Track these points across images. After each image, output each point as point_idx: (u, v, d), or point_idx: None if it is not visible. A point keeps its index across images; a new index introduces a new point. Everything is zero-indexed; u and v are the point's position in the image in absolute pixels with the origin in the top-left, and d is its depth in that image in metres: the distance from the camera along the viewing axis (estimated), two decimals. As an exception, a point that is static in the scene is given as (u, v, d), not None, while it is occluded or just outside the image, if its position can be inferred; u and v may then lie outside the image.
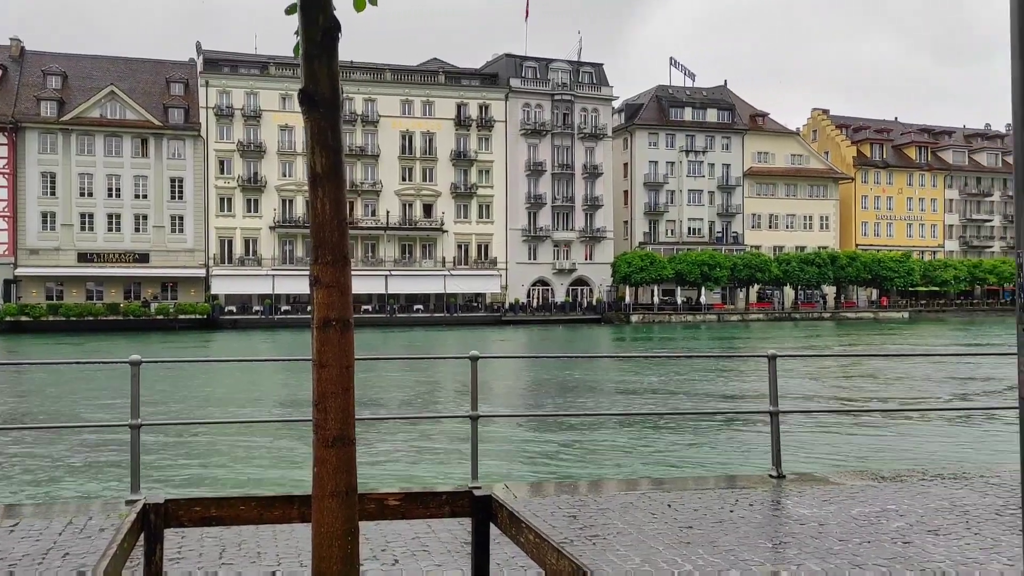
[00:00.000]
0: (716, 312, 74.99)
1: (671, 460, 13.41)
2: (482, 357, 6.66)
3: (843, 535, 5.20)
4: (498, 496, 3.79)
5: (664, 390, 24.09)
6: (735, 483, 6.81)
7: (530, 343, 48.96)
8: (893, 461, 11.57)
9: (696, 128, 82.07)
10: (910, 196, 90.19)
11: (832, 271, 77.49)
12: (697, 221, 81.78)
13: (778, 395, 7.04)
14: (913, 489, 6.46)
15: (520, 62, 77.30)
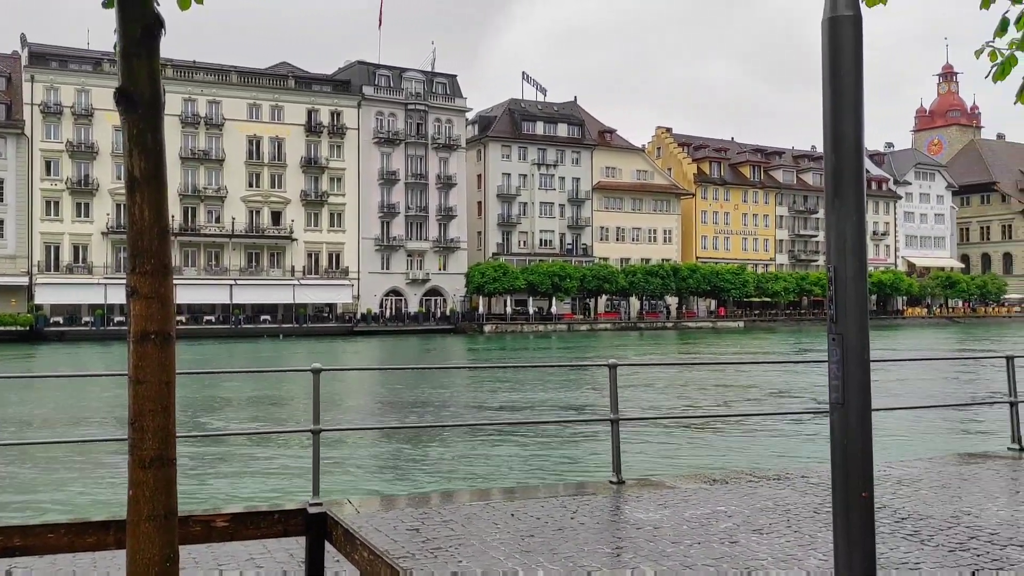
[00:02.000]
0: (566, 322, 76.75)
1: (518, 470, 13.55)
2: (325, 369, 6.49)
3: (676, 537, 5.40)
4: (333, 513, 3.68)
5: (513, 400, 24.37)
6: (577, 490, 6.95)
7: (383, 354, 48.37)
8: (726, 464, 12.17)
9: (548, 142, 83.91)
10: (745, 212, 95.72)
11: (675, 282, 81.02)
12: (549, 233, 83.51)
13: (618, 403, 7.25)
14: (742, 491, 6.81)
15: (373, 70, 76.57)
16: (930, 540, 5.35)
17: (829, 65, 3.93)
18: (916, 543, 5.29)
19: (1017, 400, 8.78)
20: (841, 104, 3.91)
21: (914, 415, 18.07)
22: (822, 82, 3.99)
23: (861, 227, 3.98)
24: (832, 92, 3.94)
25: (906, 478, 7.25)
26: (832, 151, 3.97)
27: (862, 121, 3.95)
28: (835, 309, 3.95)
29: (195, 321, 64.36)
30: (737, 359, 43.48)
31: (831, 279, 3.98)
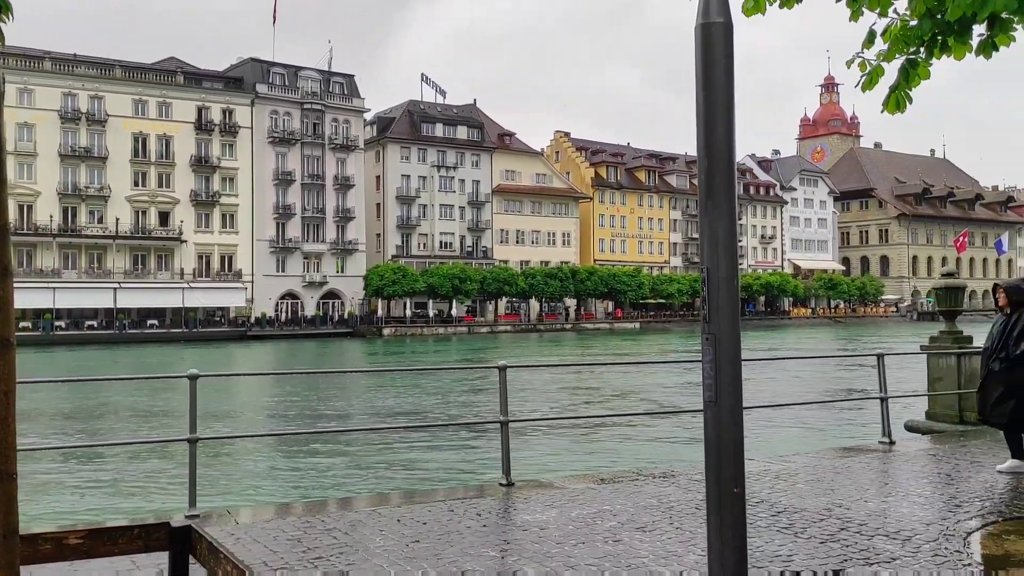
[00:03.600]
0: (467, 324, 76.75)
1: (408, 475, 13.42)
2: (202, 376, 6.24)
3: (561, 537, 5.42)
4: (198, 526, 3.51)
5: (407, 404, 24.19)
6: (466, 493, 6.91)
7: (277, 359, 47.19)
8: (615, 464, 12.38)
9: (447, 144, 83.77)
10: (641, 216, 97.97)
11: (573, 285, 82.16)
12: (449, 235, 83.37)
13: (508, 405, 7.25)
14: (628, 489, 6.90)
15: (267, 68, 74.76)
16: (803, 532, 5.54)
17: (701, 71, 4.01)
18: (790, 536, 5.47)
19: (887, 396, 9.23)
20: (713, 109, 3.99)
21: (796, 411, 18.84)
22: (695, 87, 4.06)
23: (733, 229, 4.06)
24: (704, 97, 4.01)
25: (784, 473, 7.50)
26: (705, 155, 4.05)
27: (733, 126, 4.04)
28: (708, 309, 4.03)
29: (75, 326, 61.31)
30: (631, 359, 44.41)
31: (704, 280, 4.06)
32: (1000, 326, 7.30)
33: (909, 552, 5.09)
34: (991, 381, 7.23)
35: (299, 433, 17.31)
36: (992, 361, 7.24)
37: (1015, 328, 7.16)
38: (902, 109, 6.04)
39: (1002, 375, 7.12)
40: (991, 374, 7.25)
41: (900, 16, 5.61)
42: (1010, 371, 7.09)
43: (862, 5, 5.69)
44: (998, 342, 7.23)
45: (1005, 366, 7.11)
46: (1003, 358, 7.13)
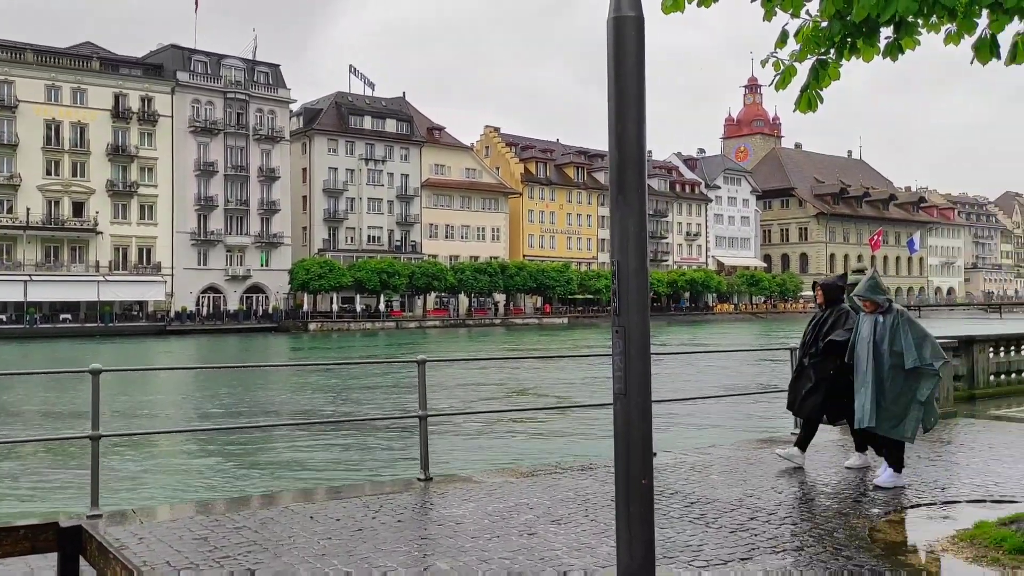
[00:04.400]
0: (395, 319, 76.15)
1: (326, 471, 13.23)
2: (105, 370, 6.00)
3: (476, 532, 5.40)
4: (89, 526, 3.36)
5: (328, 399, 23.87)
6: (383, 489, 6.82)
7: (197, 354, 46.02)
8: (536, 457, 12.44)
9: (376, 137, 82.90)
10: (570, 212, 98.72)
11: (502, 280, 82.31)
12: (377, 229, 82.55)
13: (427, 399, 7.19)
14: (545, 483, 6.92)
15: (189, 55, 72.74)
16: (715, 522, 5.64)
17: (613, 64, 4.01)
18: (702, 526, 5.56)
19: (799, 388, 9.47)
20: (624, 103, 4.00)
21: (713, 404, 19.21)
22: (607, 81, 4.06)
23: (643, 223, 4.08)
24: (616, 91, 4.02)
25: (698, 464, 7.63)
26: (616, 149, 4.06)
27: (644, 120, 4.05)
28: (618, 302, 4.05)
29: (-18, 321, 58.70)
30: (556, 353, 44.73)
31: (614, 273, 4.08)
32: (814, 322, 7.43)
33: (815, 540, 5.22)
34: (803, 375, 7.36)
35: (212, 430, 16.88)
36: (804, 356, 7.38)
37: (826, 324, 7.28)
38: (813, 108, 6.18)
39: (812, 369, 7.25)
40: (802, 368, 7.39)
41: (812, 17, 5.74)
42: (818, 365, 7.22)
43: (775, 5, 5.79)
44: (810, 337, 7.36)
45: (814, 361, 7.24)
46: (813, 353, 7.26)
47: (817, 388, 7.21)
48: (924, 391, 6.54)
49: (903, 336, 6.55)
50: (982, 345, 12.50)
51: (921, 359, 6.48)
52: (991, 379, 12.63)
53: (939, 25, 5.69)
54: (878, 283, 6.85)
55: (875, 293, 6.73)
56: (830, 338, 7.12)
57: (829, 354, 7.11)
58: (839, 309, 7.28)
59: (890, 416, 6.56)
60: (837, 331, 7.10)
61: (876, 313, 6.73)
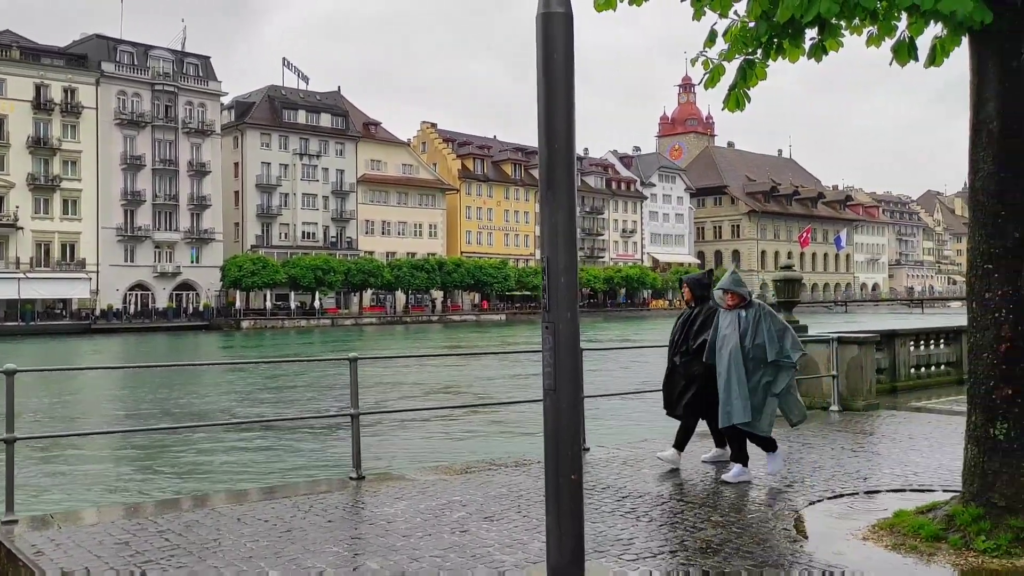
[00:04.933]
0: (330, 317, 75.24)
1: (255, 472, 13.00)
2: (20, 371, 5.77)
3: (408, 530, 5.35)
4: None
5: (258, 399, 23.47)
6: (313, 489, 6.72)
7: (123, 353, 44.73)
8: (471, 454, 12.42)
9: (310, 132, 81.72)
10: (507, 208, 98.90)
11: (440, 277, 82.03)
12: (312, 225, 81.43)
13: (359, 397, 7.10)
14: (479, 480, 6.91)
15: (114, 45, 70.58)
16: (645, 516, 5.70)
17: (542, 60, 4.01)
18: (632, 520, 5.61)
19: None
20: (554, 99, 4.00)
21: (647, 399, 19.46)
22: (536, 77, 4.06)
23: (572, 219, 4.10)
24: (546, 87, 4.01)
25: (631, 459, 7.71)
26: (545, 145, 4.06)
27: (573, 116, 4.06)
28: (548, 299, 4.06)
29: None
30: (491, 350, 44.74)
31: (544, 269, 4.09)
32: (682, 320, 7.31)
33: (742, 530, 5.32)
34: (674, 375, 7.22)
35: (140, 431, 16.43)
36: (674, 355, 7.23)
37: (695, 322, 7.14)
38: (741, 107, 6.29)
39: (683, 368, 7.12)
40: (673, 368, 7.23)
41: (740, 18, 5.83)
42: (689, 364, 7.09)
43: (704, 5, 5.87)
44: (679, 336, 7.22)
45: (685, 360, 7.11)
46: (683, 352, 7.13)
47: (690, 387, 7.10)
48: (780, 383, 6.56)
49: (764, 329, 6.53)
50: (903, 339, 12.92)
51: (782, 351, 6.49)
52: (912, 372, 13.06)
53: (861, 27, 5.84)
54: (740, 277, 6.88)
55: (738, 286, 6.73)
56: (701, 339, 6.97)
57: (700, 354, 6.97)
58: (708, 307, 7.14)
59: (750, 409, 6.57)
60: (707, 332, 6.95)
61: (739, 308, 6.70)
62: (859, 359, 10.72)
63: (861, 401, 10.65)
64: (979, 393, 5.23)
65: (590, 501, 6.08)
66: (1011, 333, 5.11)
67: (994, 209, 5.18)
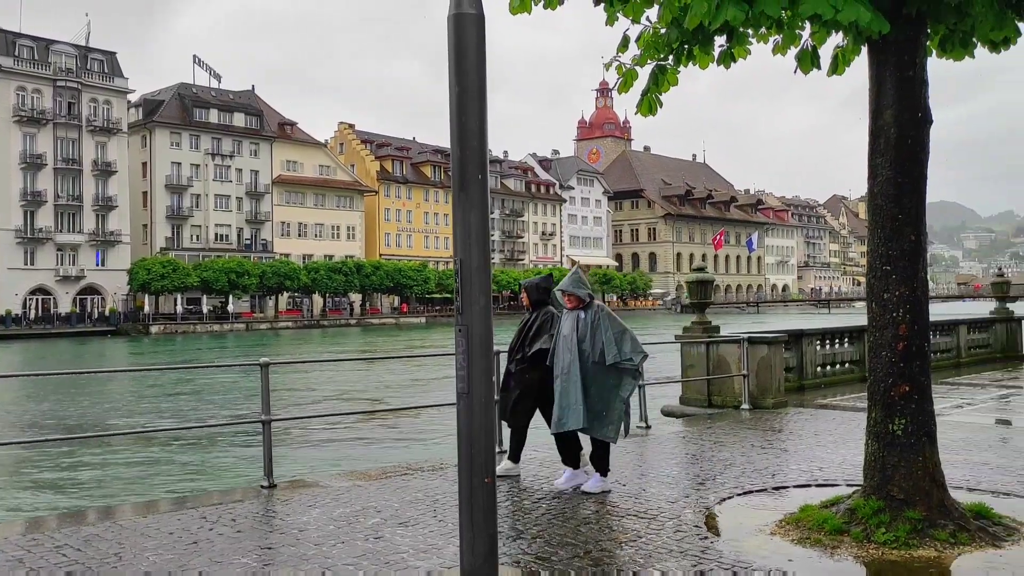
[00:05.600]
0: (245, 321, 73.46)
1: (162, 483, 12.57)
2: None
3: (320, 538, 5.24)
4: None
5: (167, 407, 22.73)
6: (223, 498, 6.51)
7: (24, 361, 42.71)
8: (387, 459, 12.27)
9: (223, 131, 79.69)
10: (427, 211, 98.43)
11: (358, 279, 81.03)
12: (225, 227, 79.42)
13: (270, 403, 6.93)
14: (395, 485, 6.82)
15: (12, 39, 67.44)
16: (560, 516, 5.72)
17: (454, 61, 3.97)
18: (548, 520, 5.62)
19: (645, 383, 9.78)
20: (466, 99, 3.97)
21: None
22: (448, 78, 4.02)
23: (485, 220, 4.07)
24: (458, 88, 3.98)
25: (547, 460, 7.73)
26: (458, 146, 4.02)
27: (486, 117, 4.04)
28: (460, 301, 4.02)
29: None
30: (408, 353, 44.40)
31: (457, 271, 4.05)
32: (519, 326, 7.01)
33: (654, 530, 5.39)
34: (510, 383, 6.90)
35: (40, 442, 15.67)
36: (510, 362, 6.92)
37: (532, 328, 6.87)
38: (653, 112, 6.38)
39: (519, 376, 6.82)
40: (509, 375, 6.92)
41: (651, 24, 5.92)
42: (523, 372, 6.80)
43: (617, 11, 5.94)
44: (516, 342, 6.91)
45: (521, 367, 6.81)
46: (519, 359, 6.83)
47: (526, 396, 6.81)
48: (626, 388, 6.38)
49: (603, 331, 6.32)
50: (810, 339, 13.35)
51: (621, 354, 6.28)
52: (818, 370, 13.52)
53: (767, 36, 6.01)
54: (581, 278, 6.60)
55: (578, 287, 6.47)
56: (537, 347, 6.72)
57: (537, 361, 6.70)
58: (545, 312, 6.89)
59: (595, 415, 6.28)
60: (543, 338, 6.73)
61: (578, 309, 6.46)
62: (768, 358, 11.03)
63: (770, 399, 10.97)
64: (878, 390, 5.43)
65: (506, 503, 6.07)
66: (908, 332, 5.33)
67: (891, 213, 5.39)
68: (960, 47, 5.62)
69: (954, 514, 5.16)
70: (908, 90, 5.39)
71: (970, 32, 5.50)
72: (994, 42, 5.48)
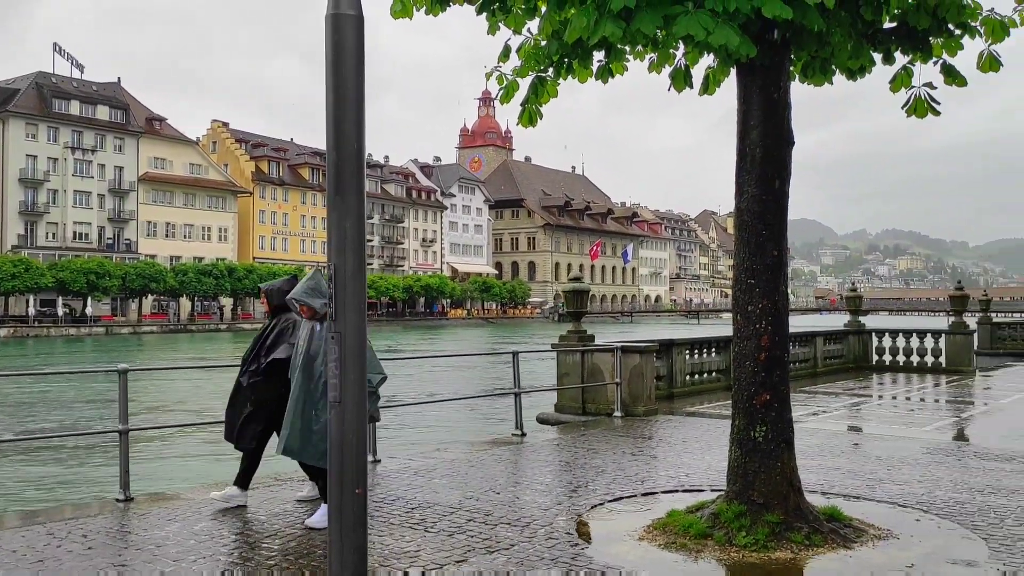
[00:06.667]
0: (105, 324, 69.61)
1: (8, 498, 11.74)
2: None
3: (179, 554, 4.99)
4: None
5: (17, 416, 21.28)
6: (76, 513, 6.12)
7: None
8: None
9: (85, 124, 75.44)
10: (304, 214, 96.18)
11: (230, 283, 78.24)
12: (85, 225, 75.12)
13: (128, 412, 6.57)
14: (262, 496, 6.59)
15: None
16: (434, 527, 5.67)
17: (331, 63, 3.88)
18: (421, 531, 5.56)
19: (520, 391, 9.88)
20: (343, 103, 3.88)
21: (443, 408, 19.57)
22: (325, 80, 3.93)
23: (361, 225, 3.99)
24: (335, 90, 3.89)
25: (422, 469, 7.67)
26: (334, 149, 3.92)
27: (363, 120, 3.97)
28: (334, 308, 3.93)
29: None
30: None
31: (331, 277, 3.95)
32: (258, 333, 6.29)
33: (527, 537, 5.42)
34: (240, 398, 6.12)
35: None
36: (242, 374, 6.14)
37: (268, 337, 6.14)
38: (533, 123, 6.45)
39: (250, 391, 6.04)
40: (239, 389, 6.14)
41: (532, 36, 5.99)
42: (258, 386, 6.03)
43: (499, 20, 5.97)
44: (251, 353, 6.15)
45: (254, 381, 6.03)
46: (252, 371, 6.06)
47: (258, 414, 6.02)
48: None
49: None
50: (680, 348, 13.81)
51: None
52: (687, 378, 13.99)
53: (643, 53, 6.19)
54: (319, 285, 5.79)
55: (312, 296, 5.68)
56: (273, 356, 5.98)
57: (273, 374, 5.95)
58: (287, 318, 6.13)
59: (323, 440, 5.37)
60: (281, 346, 5.99)
61: (314, 320, 5.72)
62: (640, 367, 11.33)
63: (642, 407, 11.26)
64: (742, 399, 5.65)
65: (378, 513, 5.97)
66: (769, 343, 5.57)
67: (756, 229, 5.63)
68: (820, 73, 5.95)
69: (809, 517, 5.43)
70: (773, 112, 5.65)
71: (830, 60, 5.83)
72: (851, 70, 5.83)
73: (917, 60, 5.77)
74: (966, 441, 9.63)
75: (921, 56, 5.72)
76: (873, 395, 14.83)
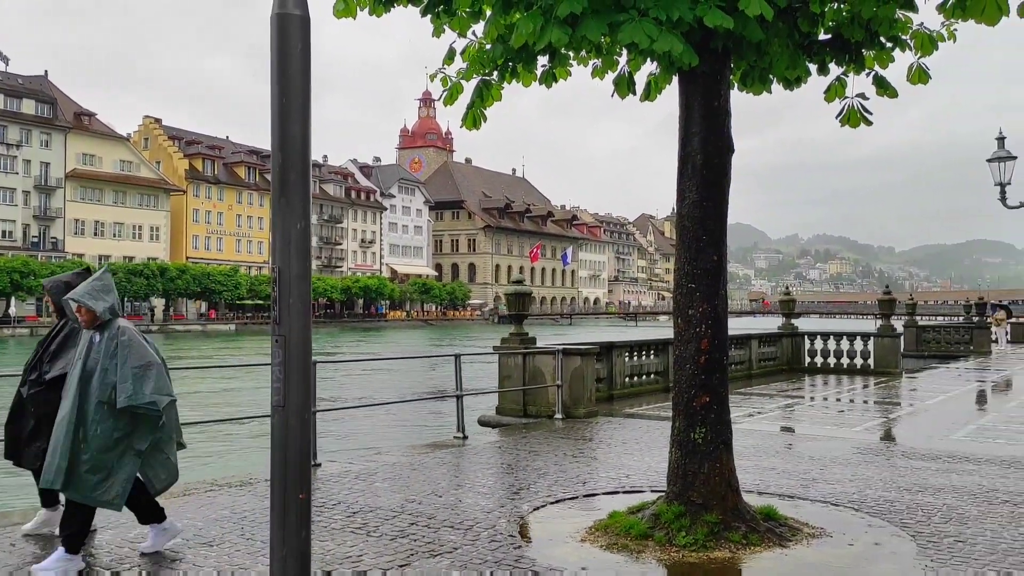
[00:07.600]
0: (29, 325, 67.25)
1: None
2: None
3: (111, 563, 4.85)
4: None
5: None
6: (1, 520, 5.90)
7: None
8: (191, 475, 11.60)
9: (9, 118, 72.80)
10: (240, 213, 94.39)
11: (162, 283, 76.38)
12: (9, 223, 72.54)
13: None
14: (199, 502, 6.46)
15: None
16: (376, 531, 5.63)
17: (277, 63, 3.83)
18: (363, 535, 5.51)
19: (462, 393, 9.87)
20: (289, 104, 3.83)
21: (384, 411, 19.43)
22: (270, 80, 3.88)
23: (307, 228, 3.94)
24: (280, 91, 3.83)
25: (364, 473, 7.60)
26: (279, 151, 3.87)
27: (309, 122, 3.92)
28: (279, 310, 3.88)
29: None
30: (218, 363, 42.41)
31: (275, 280, 3.90)
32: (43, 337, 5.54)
33: (470, 540, 5.42)
34: (22, 412, 5.35)
35: None
36: (23, 383, 5.39)
37: (54, 341, 5.40)
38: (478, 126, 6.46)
39: (34, 402, 5.27)
40: (21, 400, 5.36)
41: (478, 39, 6.00)
42: (40, 398, 5.26)
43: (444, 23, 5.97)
44: (34, 359, 5.41)
45: (36, 390, 5.28)
46: (35, 380, 5.31)
47: (43, 430, 5.17)
48: (141, 439, 4.81)
49: (120, 363, 4.76)
50: (619, 350, 13.97)
51: (137, 396, 4.70)
52: (626, 380, 14.16)
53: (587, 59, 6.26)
54: (107, 284, 5.03)
55: (95, 299, 4.88)
56: (58, 371, 5.22)
57: (58, 386, 5.12)
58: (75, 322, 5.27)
59: (93, 471, 4.68)
60: (67, 355, 5.25)
61: (94, 328, 4.92)
62: (581, 369, 11.43)
63: (582, 409, 11.36)
64: (682, 401, 5.75)
65: (320, 518, 5.90)
66: (709, 346, 5.68)
67: (696, 234, 5.74)
68: (759, 82, 6.09)
69: (746, 517, 5.55)
70: (714, 119, 5.77)
71: (768, 69, 5.98)
72: (788, 80, 5.99)
73: (851, 71, 5.96)
74: (894, 441, 9.96)
75: (855, 68, 5.91)
76: (805, 396, 15.22)
